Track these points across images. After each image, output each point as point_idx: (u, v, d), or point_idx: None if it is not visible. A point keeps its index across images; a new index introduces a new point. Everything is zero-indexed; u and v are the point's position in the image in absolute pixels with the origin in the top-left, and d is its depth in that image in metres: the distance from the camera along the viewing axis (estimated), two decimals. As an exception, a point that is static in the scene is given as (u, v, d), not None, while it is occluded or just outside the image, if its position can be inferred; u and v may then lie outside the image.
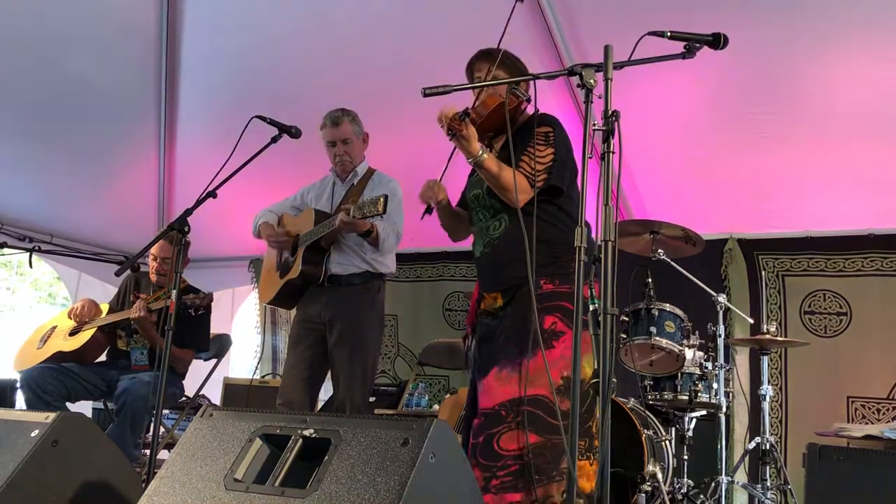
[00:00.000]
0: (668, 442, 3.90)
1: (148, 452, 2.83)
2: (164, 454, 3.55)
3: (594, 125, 1.95)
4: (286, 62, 4.73)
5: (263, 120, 3.07)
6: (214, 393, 5.52)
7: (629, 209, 5.05)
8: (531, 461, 2.35)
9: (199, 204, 2.93)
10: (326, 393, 4.57)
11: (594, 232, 2.56)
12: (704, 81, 4.13)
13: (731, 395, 4.19)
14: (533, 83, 2.38)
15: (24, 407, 3.99)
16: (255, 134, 2.98)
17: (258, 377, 6.03)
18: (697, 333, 3.92)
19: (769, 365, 4.29)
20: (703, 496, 3.89)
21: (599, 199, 1.89)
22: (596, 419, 2.45)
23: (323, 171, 3.78)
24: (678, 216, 4.00)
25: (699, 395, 3.89)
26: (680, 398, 3.92)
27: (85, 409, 5.17)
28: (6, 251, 4.27)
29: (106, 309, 4.37)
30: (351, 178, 3.63)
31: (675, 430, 4.08)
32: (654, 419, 3.93)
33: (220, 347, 4.83)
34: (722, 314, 4.03)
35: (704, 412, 4.06)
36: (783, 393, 4.78)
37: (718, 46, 2.11)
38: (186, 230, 2.89)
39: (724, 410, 3.97)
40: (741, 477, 4.24)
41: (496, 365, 2.51)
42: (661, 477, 3.56)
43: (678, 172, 4.77)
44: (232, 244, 6.32)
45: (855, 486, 2.83)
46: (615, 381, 1.86)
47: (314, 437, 1.76)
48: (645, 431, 3.66)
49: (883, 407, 4.52)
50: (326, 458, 1.69)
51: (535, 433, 2.38)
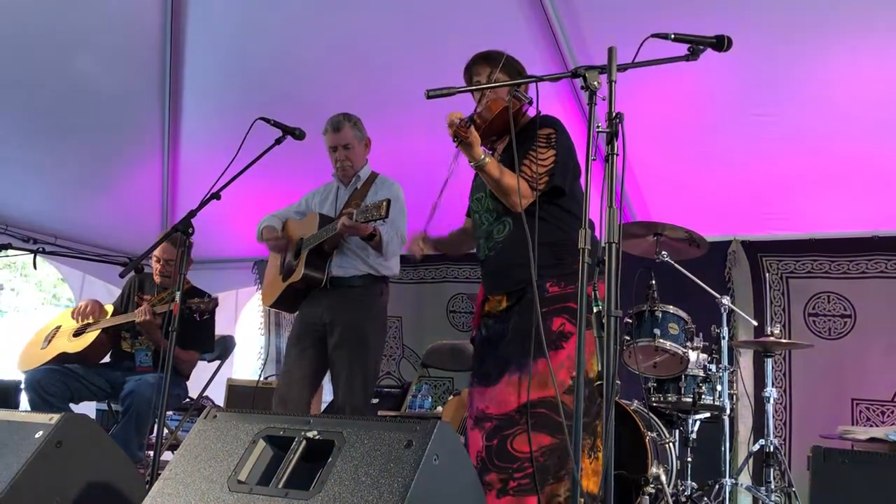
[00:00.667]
0: (671, 444, 3.89)
1: (152, 453, 2.83)
2: (167, 455, 3.57)
3: (598, 127, 1.95)
4: (290, 64, 4.73)
5: (267, 121, 3.07)
6: (218, 394, 5.52)
7: (633, 211, 5.04)
8: (543, 462, 2.36)
9: (202, 205, 2.93)
10: (329, 395, 4.58)
11: (598, 233, 2.56)
12: (708, 83, 4.13)
13: (734, 397, 4.18)
14: (535, 85, 2.38)
15: (27, 408, 4.00)
16: (258, 135, 2.98)
17: (262, 379, 6.03)
18: (701, 335, 3.91)
19: (773, 367, 4.28)
20: (706, 499, 3.88)
21: (603, 200, 1.89)
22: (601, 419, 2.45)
23: (326, 173, 3.78)
24: (682, 218, 3.99)
25: (703, 397, 3.88)
26: (683, 400, 3.91)
27: (89, 410, 5.18)
28: (10, 252, 4.28)
29: (110, 310, 4.37)
30: (354, 182, 3.63)
31: (678, 432, 4.07)
32: (657, 421, 3.92)
33: (223, 349, 4.83)
34: (726, 316, 4.02)
35: (708, 414, 4.04)
36: (787, 395, 4.77)
37: (722, 49, 2.11)
38: (190, 232, 2.90)
39: (727, 413, 3.96)
40: (745, 479, 4.24)
41: (506, 371, 2.51)
42: (664, 479, 3.54)
43: (682, 174, 4.76)
44: (236, 245, 6.33)
45: (859, 488, 2.82)
46: (619, 382, 1.85)
47: (318, 438, 1.76)
48: (648, 433, 3.65)
49: (887, 409, 4.51)
50: (330, 459, 1.69)
51: (548, 435, 2.38)
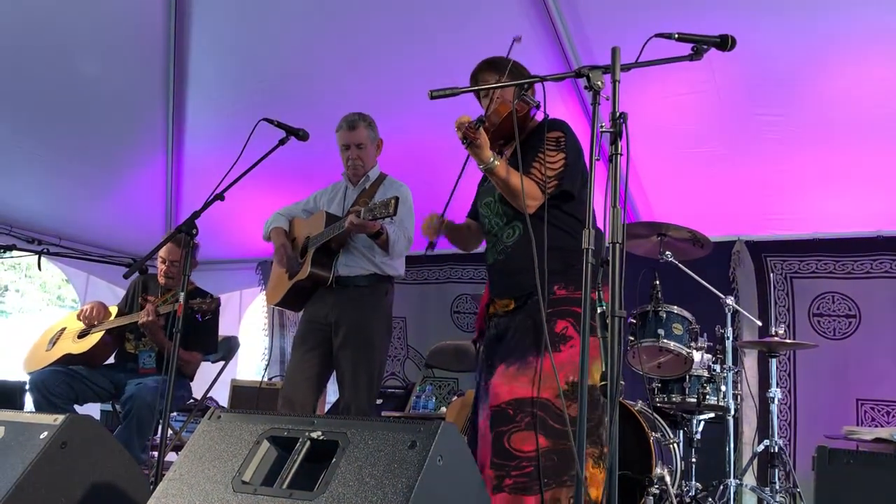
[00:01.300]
0: (676, 445, 3.88)
1: (156, 455, 2.83)
2: (171, 456, 3.57)
3: (602, 127, 1.94)
4: (294, 64, 4.74)
5: (271, 122, 3.07)
6: (222, 395, 5.53)
7: (637, 211, 5.04)
8: (543, 464, 2.35)
9: (206, 206, 2.93)
10: (333, 395, 4.58)
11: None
12: (712, 83, 4.12)
13: (739, 397, 4.18)
14: (542, 89, 2.38)
15: (32, 409, 4.01)
16: (262, 136, 2.98)
17: (266, 379, 6.04)
18: (705, 336, 3.91)
19: (777, 367, 4.27)
20: (711, 499, 3.87)
21: (607, 201, 1.88)
22: (606, 426, 2.45)
23: (331, 173, 3.78)
24: (686, 218, 3.98)
25: (707, 397, 3.88)
26: (688, 401, 3.91)
27: (93, 411, 5.19)
28: (15, 253, 4.28)
29: (114, 311, 4.38)
30: (363, 182, 3.62)
31: (682, 432, 4.07)
32: (661, 422, 3.91)
33: (227, 350, 4.83)
34: (730, 316, 4.02)
35: (712, 415, 4.04)
36: (792, 395, 4.76)
37: (726, 48, 2.10)
38: (194, 232, 2.90)
39: (732, 413, 3.96)
40: (749, 480, 4.23)
41: (504, 362, 2.51)
42: (668, 480, 3.54)
43: (686, 174, 4.76)
44: (239, 246, 6.34)
45: (865, 489, 2.82)
46: (623, 383, 1.85)
47: (322, 439, 1.76)
48: (653, 434, 3.64)
49: (893, 409, 4.49)
50: (334, 460, 1.69)
51: (544, 436, 2.37)
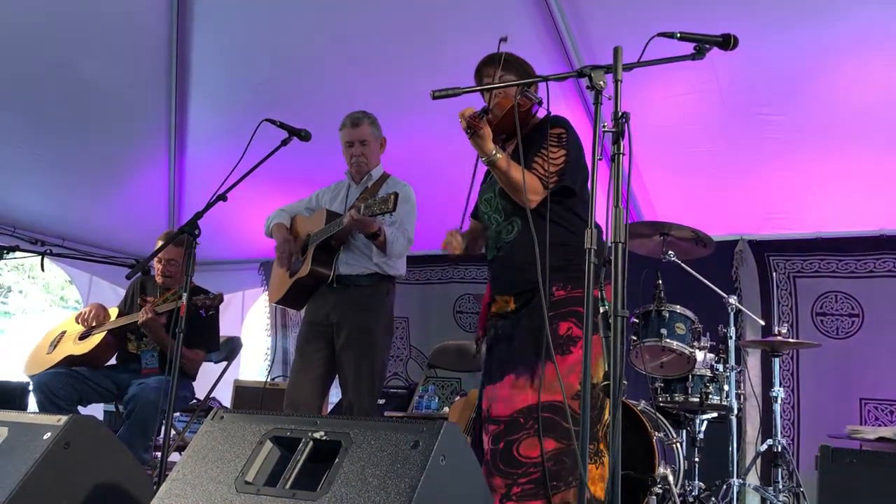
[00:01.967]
0: (678, 444, 3.88)
1: (159, 455, 2.83)
2: (175, 457, 3.57)
3: (604, 127, 1.94)
4: (296, 65, 4.74)
5: (273, 123, 3.07)
6: (225, 395, 5.53)
7: (639, 211, 5.03)
8: (551, 468, 2.34)
9: (209, 207, 2.93)
10: (336, 396, 4.58)
11: (604, 236, 2.55)
12: (714, 82, 4.12)
13: (742, 397, 4.17)
14: (546, 85, 2.38)
15: (36, 410, 4.01)
16: (264, 137, 2.99)
17: (269, 379, 6.04)
18: (708, 335, 3.90)
19: (781, 367, 4.27)
20: (714, 499, 3.87)
21: (609, 200, 1.88)
22: (605, 422, 2.45)
23: (333, 173, 3.78)
24: (688, 218, 3.98)
25: (710, 397, 3.88)
26: (691, 400, 3.91)
27: (96, 411, 5.19)
28: (18, 254, 4.29)
29: (114, 313, 4.38)
30: (365, 181, 3.62)
31: (685, 432, 4.07)
32: (664, 421, 3.91)
33: (230, 350, 4.83)
34: (733, 316, 4.02)
35: (715, 414, 4.04)
36: (795, 395, 4.75)
37: (728, 47, 2.10)
38: (197, 233, 2.90)
39: (735, 412, 3.96)
40: (753, 479, 4.23)
41: (512, 372, 2.50)
42: (671, 479, 3.54)
43: (688, 174, 4.75)
44: (242, 247, 6.35)
45: (868, 488, 2.81)
46: (626, 383, 1.85)
47: (325, 439, 1.76)
48: (656, 434, 3.64)
49: (896, 409, 4.49)
50: (337, 460, 1.68)
51: (554, 440, 2.37)
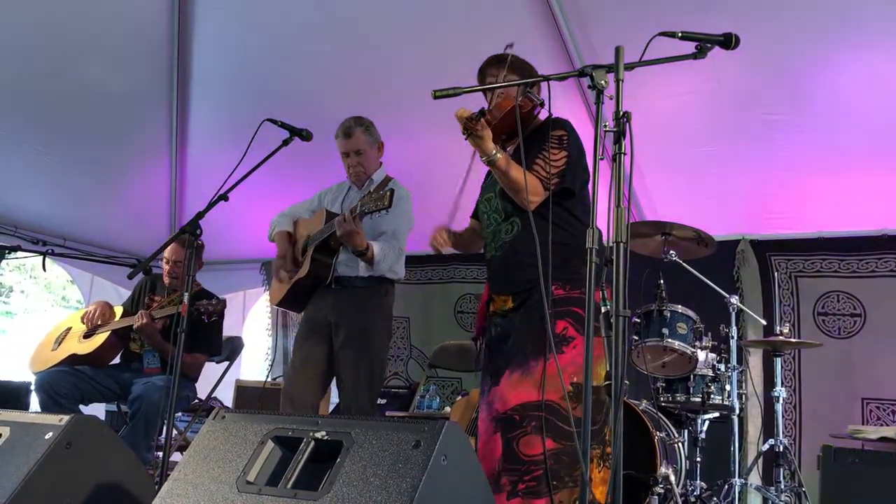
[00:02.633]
0: (680, 444, 3.88)
1: (161, 455, 2.84)
2: (176, 456, 3.57)
3: (605, 126, 1.94)
4: (297, 65, 4.74)
5: (274, 123, 3.07)
6: (226, 395, 5.53)
7: (641, 211, 5.03)
8: (550, 467, 2.35)
9: (210, 207, 2.93)
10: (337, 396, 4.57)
11: (605, 236, 2.55)
12: (716, 82, 4.11)
13: (744, 396, 4.17)
14: (547, 86, 2.38)
15: (38, 409, 4.01)
16: (266, 137, 2.99)
17: (270, 380, 6.04)
18: (710, 335, 3.90)
19: (782, 366, 4.27)
20: (716, 499, 3.86)
21: (611, 200, 1.88)
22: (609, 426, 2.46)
23: (335, 173, 3.77)
24: (690, 217, 3.98)
25: (712, 396, 3.87)
26: (692, 400, 3.90)
27: (98, 411, 5.20)
28: (20, 254, 4.30)
29: (120, 312, 4.39)
30: (367, 185, 3.61)
31: (687, 432, 4.06)
32: (666, 421, 3.91)
33: (232, 350, 4.84)
34: (734, 316, 4.01)
35: (717, 414, 4.03)
36: (797, 395, 4.75)
37: (730, 47, 2.10)
38: (198, 233, 2.90)
39: (737, 412, 3.95)
40: (754, 479, 4.22)
41: (508, 368, 2.51)
42: (673, 479, 3.54)
43: (690, 173, 4.75)
44: (243, 246, 6.34)
45: (870, 488, 2.81)
46: (627, 383, 1.85)
47: (326, 439, 1.76)
48: (657, 433, 3.64)
49: (898, 409, 4.49)
50: (338, 460, 1.69)
51: (551, 439, 2.38)
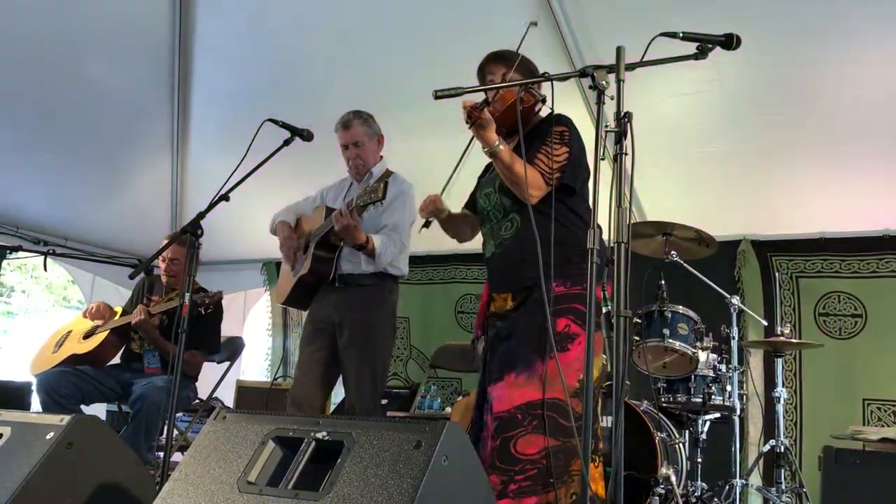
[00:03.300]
0: (681, 444, 3.88)
1: (161, 455, 2.84)
2: (177, 457, 3.57)
3: (606, 127, 1.94)
4: (298, 65, 4.74)
5: (275, 123, 3.07)
6: (227, 395, 5.53)
7: (642, 211, 5.03)
8: (546, 465, 2.35)
9: (211, 207, 2.93)
10: (338, 396, 4.57)
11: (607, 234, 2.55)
12: (717, 82, 4.11)
13: (745, 397, 4.17)
14: (550, 85, 2.39)
15: (39, 410, 4.01)
16: (267, 137, 2.99)
17: (273, 380, 6.04)
18: (711, 335, 3.90)
19: (783, 367, 4.26)
20: (716, 499, 3.87)
21: (612, 200, 1.88)
22: (600, 421, 2.47)
23: (336, 172, 3.78)
24: (691, 218, 3.98)
25: (713, 397, 3.87)
26: (693, 400, 3.90)
27: (99, 411, 5.20)
28: (21, 254, 4.31)
29: (119, 312, 4.39)
30: (367, 178, 3.61)
31: (688, 432, 4.06)
32: (667, 422, 3.90)
33: (232, 350, 4.83)
34: (735, 316, 4.02)
35: (718, 415, 4.03)
36: (798, 395, 4.75)
37: (731, 47, 2.10)
38: (200, 233, 2.90)
39: (737, 413, 3.95)
40: (755, 480, 4.22)
41: (512, 370, 2.50)
42: (674, 480, 3.53)
43: (691, 174, 4.75)
44: (244, 247, 6.35)
45: (871, 489, 2.81)
46: (628, 383, 1.85)
47: (327, 439, 1.76)
48: (658, 434, 3.64)
49: (899, 409, 4.49)
50: (339, 460, 1.68)
51: (553, 437, 2.38)
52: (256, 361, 7.21)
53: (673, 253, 3.95)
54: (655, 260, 4.04)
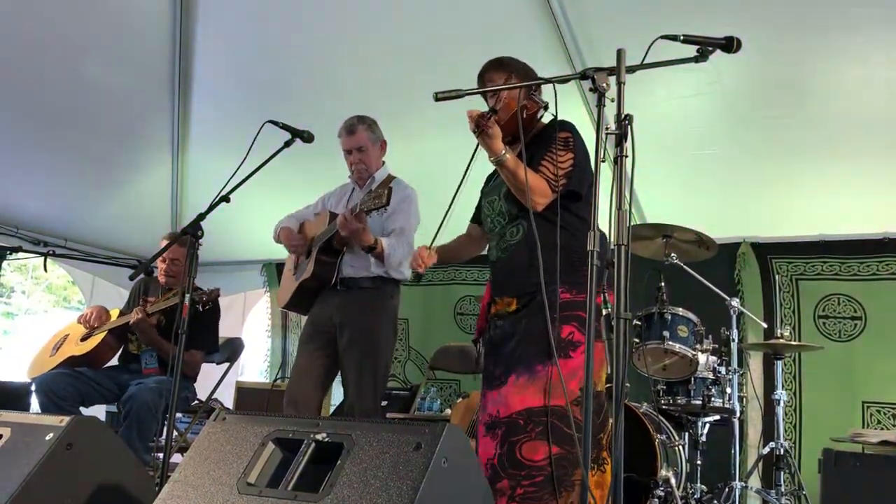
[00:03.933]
0: (681, 447, 3.87)
1: (161, 456, 2.83)
2: (177, 458, 3.57)
3: (607, 129, 1.94)
4: (298, 66, 4.74)
5: (276, 124, 3.07)
6: (227, 396, 5.53)
7: (642, 213, 5.03)
8: (552, 472, 2.35)
9: (212, 208, 2.93)
10: (337, 397, 4.57)
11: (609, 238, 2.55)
12: (717, 84, 4.11)
13: (744, 399, 4.17)
14: (554, 90, 2.38)
15: (38, 411, 4.01)
16: (267, 138, 2.99)
17: (270, 381, 6.04)
18: (711, 338, 3.90)
19: (783, 369, 4.26)
20: (716, 501, 3.87)
21: (612, 203, 1.88)
22: (608, 430, 2.46)
23: (336, 174, 3.78)
24: (691, 220, 3.98)
25: (712, 399, 3.87)
26: (693, 403, 3.90)
27: (98, 412, 5.20)
28: (21, 255, 4.29)
29: (116, 314, 4.39)
30: (369, 183, 3.61)
31: (688, 434, 4.06)
32: (667, 424, 3.90)
33: (232, 351, 4.83)
34: (735, 318, 4.01)
35: (718, 417, 4.03)
36: (797, 398, 4.75)
37: (731, 50, 2.10)
38: (200, 234, 2.90)
39: (737, 415, 3.95)
40: (755, 482, 4.22)
41: (513, 373, 2.50)
42: (674, 482, 3.53)
43: (691, 176, 4.75)
44: (244, 248, 6.35)
45: (871, 491, 2.81)
46: (628, 385, 1.85)
47: (327, 441, 1.76)
48: (658, 436, 3.64)
49: (899, 412, 4.49)
50: (339, 462, 1.69)
51: (556, 444, 2.37)
52: (256, 363, 7.22)
53: (673, 255, 3.95)
54: (655, 262, 4.04)
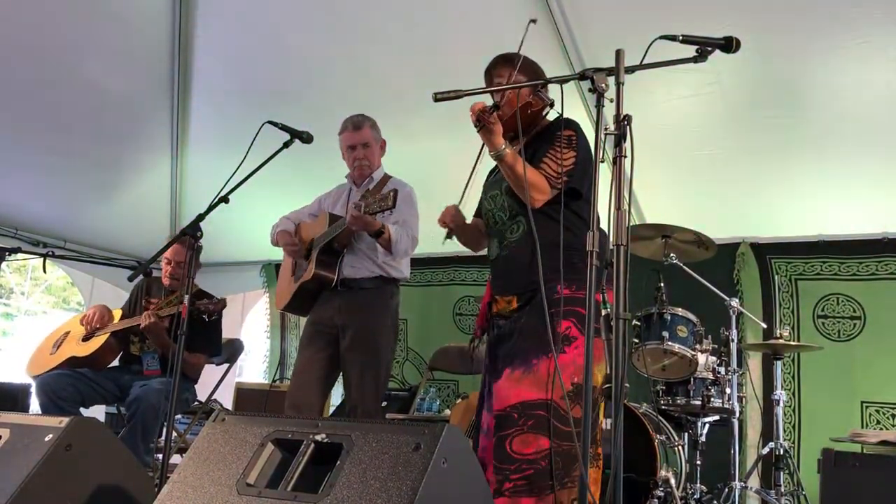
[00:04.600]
0: (680, 447, 3.88)
1: (160, 457, 2.83)
2: (176, 459, 3.57)
3: (606, 129, 1.94)
4: (298, 67, 4.74)
5: (275, 125, 3.07)
6: (227, 397, 5.53)
7: (641, 213, 5.03)
8: (544, 466, 2.35)
9: (211, 209, 2.93)
10: (337, 398, 4.57)
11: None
12: (717, 85, 4.12)
13: (744, 399, 4.17)
14: (560, 88, 2.38)
15: (38, 411, 4.01)
16: (266, 139, 2.99)
17: (269, 381, 6.04)
18: (710, 338, 3.90)
19: (782, 369, 4.27)
20: (715, 502, 3.87)
21: (612, 203, 1.88)
22: (601, 426, 2.46)
23: (335, 175, 3.78)
24: (690, 220, 3.98)
25: (712, 399, 3.87)
26: (692, 403, 3.90)
27: (98, 413, 5.20)
28: (20, 256, 4.29)
29: (118, 315, 4.38)
30: (367, 183, 3.62)
31: (687, 435, 4.06)
32: (666, 424, 3.91)
33: (232, 352, 4.83)
34: (735, 318, 4.01)
35: (717, 417, 4.03)
36: (796, 398, 4.75)
37: (731, 50, 2.10)
38: (199, 235, 2.90)
39: (737, 415, 3.95)
40: (754, 482, 4.22)
41: (508, 366, 2.51)
42: (673, 482, 3.54)
43: (690, 176, 4.75)
44: (243, 249, 6.35)
45: (870, 492, 2.81)
46: (627, 385, 1.85)
47: (326, 441, 1.76)
48: (657, 436, 3.64)
49: (898, 412, 4.49)
50: (338, 462, 1.68)
51: (547, 438, 2.37)
52: (255, 363, 7.22)
53: (672, 255, 3.95)
54: (655, 262, 4.04)
